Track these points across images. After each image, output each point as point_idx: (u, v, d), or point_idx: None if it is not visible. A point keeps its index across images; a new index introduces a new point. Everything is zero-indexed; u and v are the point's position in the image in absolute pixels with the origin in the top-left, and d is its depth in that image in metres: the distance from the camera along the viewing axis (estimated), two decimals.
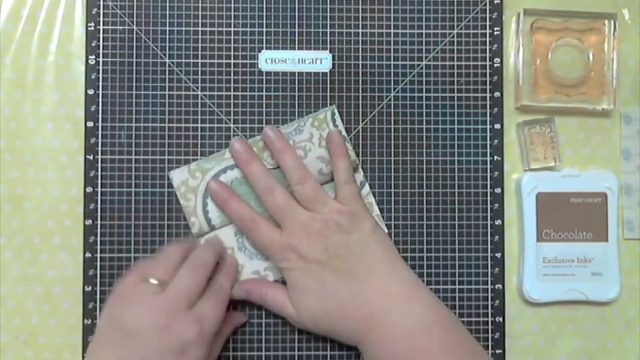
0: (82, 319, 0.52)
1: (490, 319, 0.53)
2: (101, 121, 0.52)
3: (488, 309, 0.53)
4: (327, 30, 0.54)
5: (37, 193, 0.52)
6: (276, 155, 0.50)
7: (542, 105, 0.54)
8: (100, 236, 0.52)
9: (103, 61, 0.53)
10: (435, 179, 0.53)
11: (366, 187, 0.53)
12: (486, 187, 0.53)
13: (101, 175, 0.52)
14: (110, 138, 0.52)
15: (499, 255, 0.53)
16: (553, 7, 0.54)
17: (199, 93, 0.53)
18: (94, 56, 0.53)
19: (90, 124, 0.52)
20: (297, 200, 0.49)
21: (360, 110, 0.53)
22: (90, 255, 0.52)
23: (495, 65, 0.54)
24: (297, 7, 0.53)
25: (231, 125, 0.53)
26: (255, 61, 0.53)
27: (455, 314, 0.50)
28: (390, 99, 0.53)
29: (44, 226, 0.52)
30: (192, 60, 0.53)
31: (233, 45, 0.53)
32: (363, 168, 0.53)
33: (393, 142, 0.53)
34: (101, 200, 0.52)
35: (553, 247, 0.53)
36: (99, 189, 0.52)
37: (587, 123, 0.55)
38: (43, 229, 0.52)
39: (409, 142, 0.53)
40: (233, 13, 0.53)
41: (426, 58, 0.54)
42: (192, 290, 0.45)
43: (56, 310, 0.52)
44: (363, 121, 0.53)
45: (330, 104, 0.53)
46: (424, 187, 0.53)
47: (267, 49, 0.53)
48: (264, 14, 0.53)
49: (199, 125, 0.53)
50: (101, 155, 0.52)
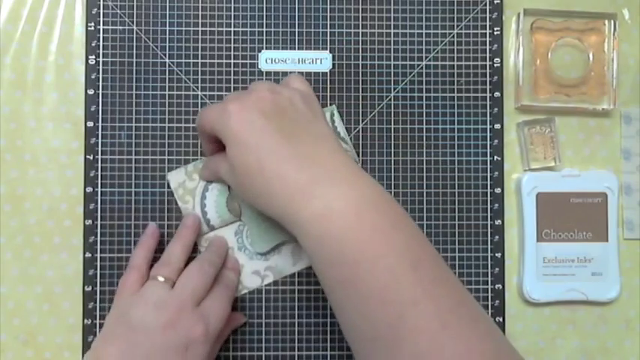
0: (82, 319, 0.52)
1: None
2: (101, 121, 0.52)
3: (488, 309, 0.53)
4: (327, 30, 0.54)
5: (37, 193, 0.52)
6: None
7: (542, 105, 0.54)
8: (100, 236, 0.52)
9: (103, 61, 0.53)
10: (435, 179, 0.53)
11: None
12: (486, 187, 0.53)
13: (101, 175, 0.52)
14: (110, 138, 0.52)
15: (499, 255, 0.53)
16: (553, 7, 0.54)
17: (199, 93, 0.53)
18: (94, 56, 0.53)
19: (90, 124, 0.52)
20: None
21: (360, 110, 0.53)
22: (90, 255, 0.52)
23: (495, 65, 0.54)
24: (297, 7, 0.53)
25: None
26: (255, 61, 0.53)
27: None
28: (390, 99, 0.53)
29: (44, 226, 0.52)
30: (192, 60, 0.53)
31: (233, 45, 0.53)
32: (363, 168, 0.53)
33: (393, 142, 0.53)
34: (101, 200, 0.52)
35: (553, 247, 0.53)
36: (99, 189, 0.52)
37: (587, 123, 0.55)
38: (43, 229, 0.52)
39: (409, 142, 0.53)
40: (233, 13, 0.53)
41: (426, 58, 0.54)
42: (198, 289, 0.46)
43: (56, 310, 0.52)
44: (363, 121, 0.53)
45: (330, 104, 0.53)
46: (424, 187, 0.53)
47: (267, 49, 0.53)
48: (264, 14, 0.53)
49: None
50: (101, 155, 0.52)
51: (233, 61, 0.53)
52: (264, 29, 0.53)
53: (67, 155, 0.52)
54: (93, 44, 0.53)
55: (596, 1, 0.55)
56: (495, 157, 0.54)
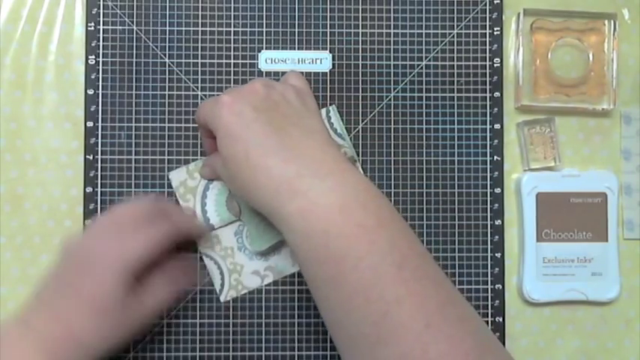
0: None
1: (490, 319, 0.53)
2: (101, 121, 0.52)
3: (488, 309, 0.53)
4: (327, 30, 0.54)
5: (37, 193, 0.52)
6: None
7: (542, 105, 0.54)
8: None
9: (103, 61, 0.53)
10: (435, 179, 0.53)
11: None
12: (486, 187, 0.53)
13: (101, 175, 0.52)
14: (110, 138, 0.52)
15: (499, 255, 0.53)
16: (553, 7, 0.54)
17: (199, 93, 0.53)
18: (94, 56, 0.53)
19: (90, 124, 0.52)
20: None
21: (360, 110, 0.53)
22: None
23: (495, 65, 0.54)
24: (297, 7, 0.54)
25: None
26: (255, 61, 0.53)
27: None
28: (390, 99, 0.53)
29: (44, 226, 0.52)
30: (192, 60, 0.53)
31: (233, 45, 0.53)
32: (363, 168, 0.53)
33: (393, 142, 0.53)
34: (101, 200, 0.52)
35: (553, 247, 0.53)
36: (99, 189, 0.52)
37: (587, 123, 0.55)
38: (43, 229, 0.52)
39: (409, 142, 0.53)
40: (233, 13, 0.53)
41: (426, 58, 0.54)
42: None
43: None
44: (363, 121, 0.53)
45: (330, 104, 0.53)
46: (424, 187, 0.53)
47: (267, 49, 0.53)
48: (264, 14, 0.53)
49: None
50: (101, 155, 0.52)
51: (233, 61, 0.53)
52: (264, 29, 0.53)
53: (67, 155, 0.52)
54: (93, 44, 0.53)
55: (596, 1, 0.55)
56: (495, 157, 0.54)
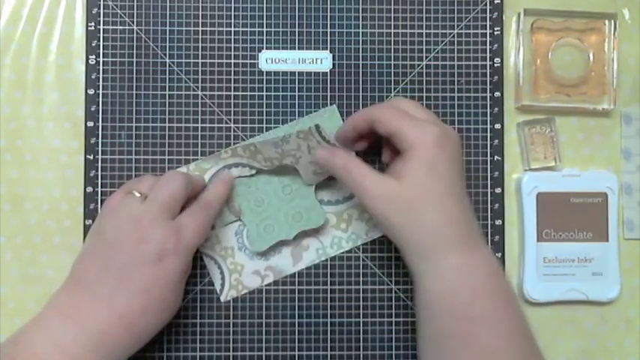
0: None
1: None
2: (101, 121, 0.52)
3: None
4: (327, 30, 0.53)
5: (37, 193, 0.52)
6: None
7: (543, 105, 0.54)
8: None
9: (103, 61, 0.53)
10: None
11: None
12: (486, 187, 0.53)
13: (101, 175, 0.52)
14: (110, 138, 0.52)
15: (499, 255, 0.53)
16: (553, 7, 0.54)
17: (199, 93, 0.53)
18: (94, 56, 0.53)
19: (90, 124, 0.52)
20: None
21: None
22: None
23: (495, 65, 0.54)
24: (297, 7, 0.53)
25: (232, 125, 0.53)
26: (256, 61, 0.53)
27: None
28: (390, 99, 0.53)
29: (44, 226, 0.52)
30: (192, 60, 0.53)
31: (233, 45, 0.53)
32: None
33: None
34: (101, 200, 0.52)
35: (553, 247, 0.53)
36: (99, 189, 0.52)
37: (587, 123, 0.55)
38: (43, 229, 0.52)
39: None
40: (233, 13, 0.53)
41: (426, 58, 0.54)
42: (170, 200, 0.46)
43: None
44: None
45: (330, 104, 0.53)
46: None
47: (267, 49, 0.53)
48: (264, 14, 0.53)
49: (199, 125, 0.53)
50: (101, 155, 0.52)
51: (233, 61, 0.53)
52: (264, 29, 0.53)
53: (67, 155, 0.52)
54: (93, 44, 0.53)
55: (596, 1, 0.55)
56: (495, 157, 0.54)
